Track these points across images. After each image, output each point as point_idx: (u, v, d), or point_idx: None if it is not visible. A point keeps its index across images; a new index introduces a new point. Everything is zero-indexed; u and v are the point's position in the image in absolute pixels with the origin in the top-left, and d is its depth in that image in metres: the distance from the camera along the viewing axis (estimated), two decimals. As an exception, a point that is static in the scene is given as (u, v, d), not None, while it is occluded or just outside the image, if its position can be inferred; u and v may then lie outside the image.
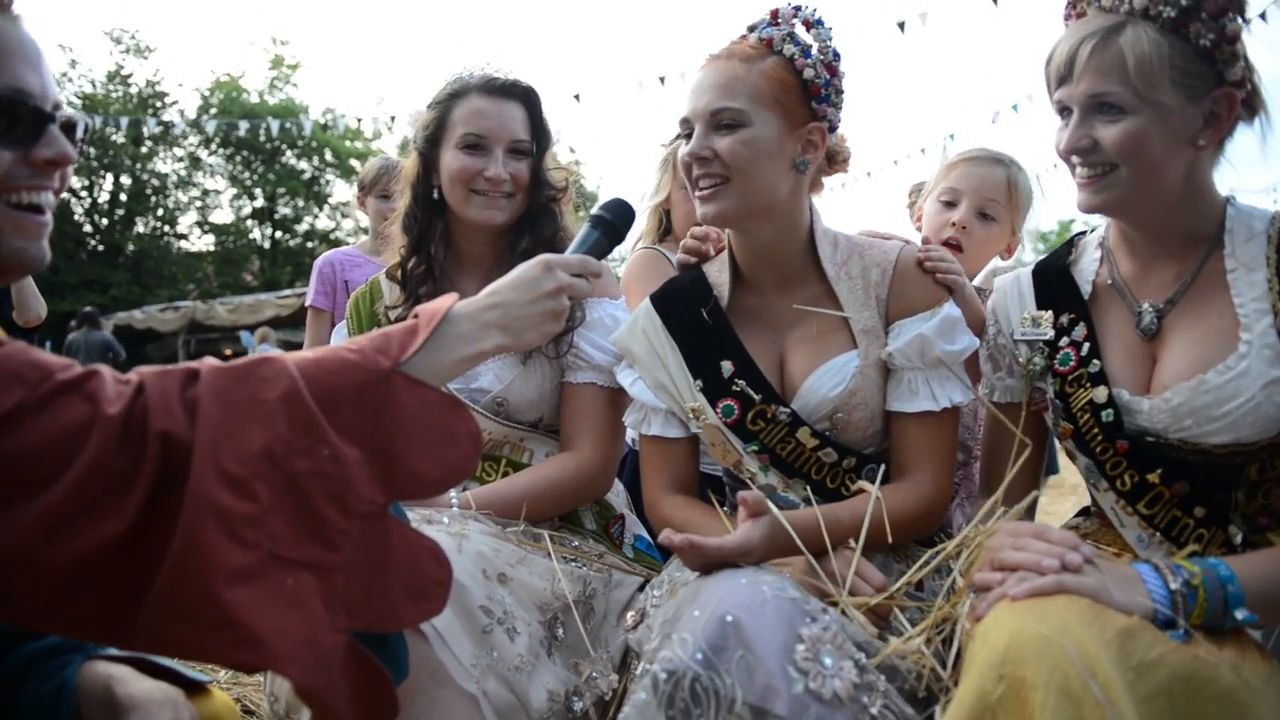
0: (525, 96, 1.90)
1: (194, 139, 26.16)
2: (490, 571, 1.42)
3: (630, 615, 1.59)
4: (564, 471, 1.75)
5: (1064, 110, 1.39)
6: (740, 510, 1.40)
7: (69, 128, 1.09)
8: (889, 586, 1.36)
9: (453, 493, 1.62)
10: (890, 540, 1.46)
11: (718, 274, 1.72)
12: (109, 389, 0.96)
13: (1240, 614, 1.10)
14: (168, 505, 0.94)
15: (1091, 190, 1.37)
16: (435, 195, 1.90)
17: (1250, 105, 1.36)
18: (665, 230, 2.63)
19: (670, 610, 1.28)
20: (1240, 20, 1.30)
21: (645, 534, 1.93)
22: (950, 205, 2.16)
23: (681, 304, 1.70)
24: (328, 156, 27.66)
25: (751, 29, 1.61)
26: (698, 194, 1.58)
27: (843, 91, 1.62)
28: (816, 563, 1.38)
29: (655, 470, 1.71)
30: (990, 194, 2.13)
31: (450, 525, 1.45)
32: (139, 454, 0.94)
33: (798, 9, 1.61)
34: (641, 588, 1.70)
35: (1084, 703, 0.93)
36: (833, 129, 1.63)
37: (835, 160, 1.71)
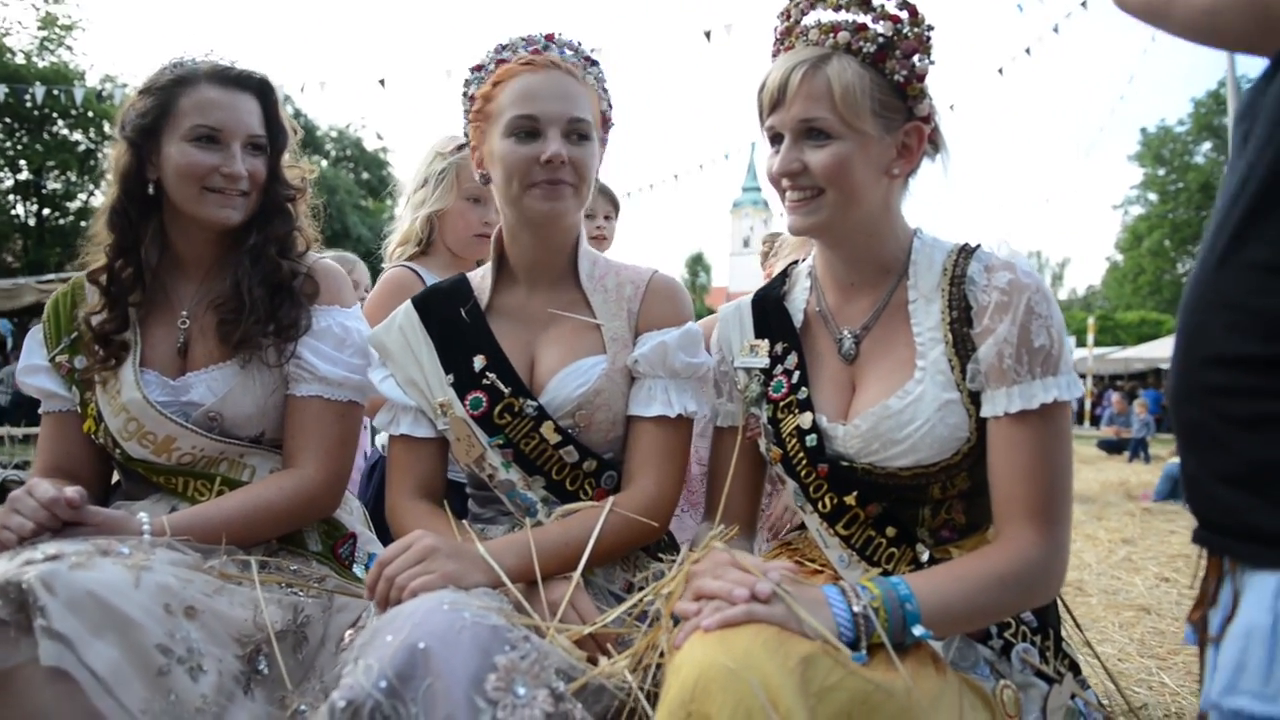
0: (260, 89, 1.77)
1: (-57, 101, 23.15)
2: (175, 605, 1.30)
3: (349, 633, 1.52)
4: (280, 491, 1.64)
5: (776, 137, 1.46)
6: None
7: None
8: (600, 612, 1.36)
9: (144, 517, 1.48)
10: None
11: (480, 279, 1.75)
12: None
13: (917, 630, 1.15)
14: None
15: (801, 213, 1.45)
16: (150, 190, 1.73)
17: (934, 142, 1.49)
18: (428, 242, 2.57)
19: (368, 634, 1.23)
20: (929, 61, 1.41)
21: (382, 549, 1.85)
22: None
23: (441, 303, 1.71)
24: (106, 128, 25.24)
25: (554, 44, 1.66)
26: (544, 191, 1.59)
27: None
28: (531, 590, 1.38)
29: (401, 473, 1.66)
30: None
31: (131, 557, 1.32)
32: None
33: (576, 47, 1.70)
34: (370, 608, 1.63)
35: None
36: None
37: None
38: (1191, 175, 43.05)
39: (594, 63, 1.69)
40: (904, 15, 1.39)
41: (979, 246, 1.46)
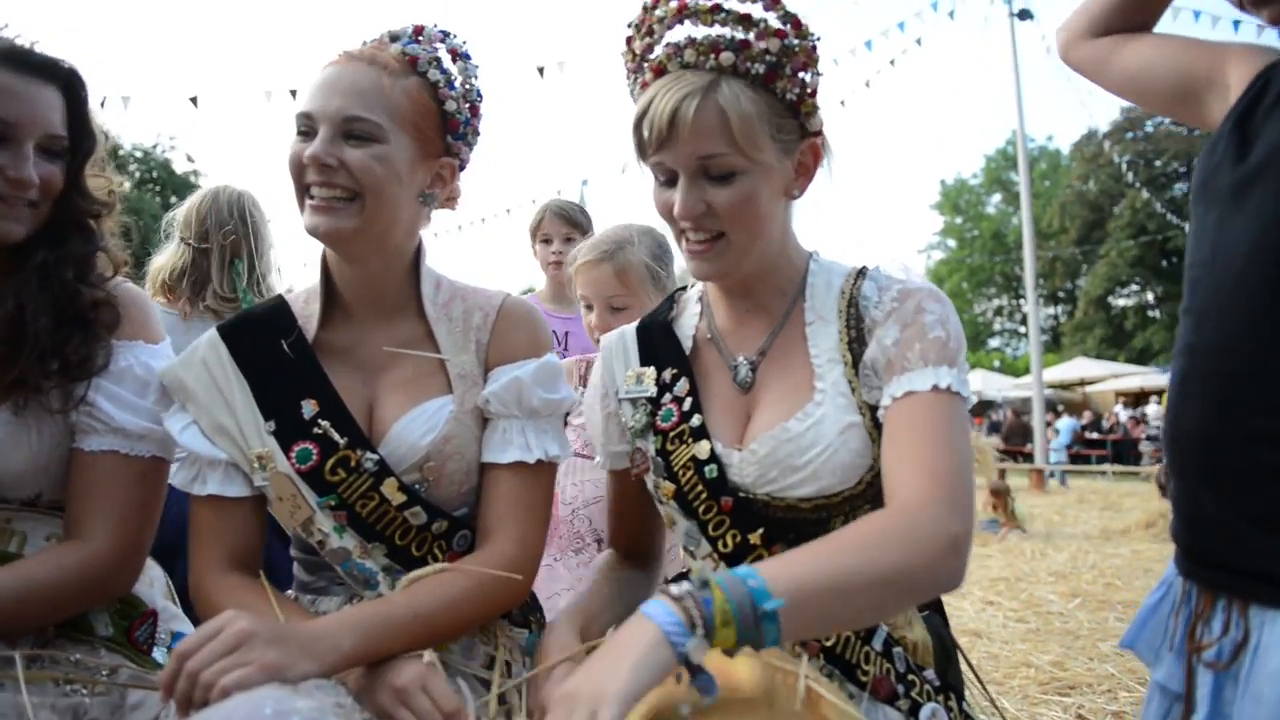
0: (68, 82, 1.46)
1: None
2: (-93, 727, 1.01)
3: (149, 744, 1.25)
4: (60, 569, 1.33)
5: (666, 172, 1.32)
6: None
7: None
8: (459, 696, 1.17)
9: None
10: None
11: (304, 305, 1.49)
12: None
13: (770, 605, 0.93)
14: None
15: (705, 259, 1.34)
16: None
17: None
18: None
19: (171, 748, 0.99)
20: (818, 74, 1.33)
21: (191, 627, 1.57)
22: (589, 308, 2.31)
23: (256, 334, 1.44)
24: None
25: (394, 38, 1.45)
26: (314, 203, 1.35)
27: (479, 133, 1.52)
28: (374, 675, 1.17)
29: (208, 541, 1.37)
30: (609, 291, 2.27)
31: None
32: None
33: (446, 34, 1.48)
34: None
35: None
36: (462, 167, 1.51)
37: (450, 197, 1.58)
38: (984, 224, 47.30)
39: (434, 61, 1.43)
40: (788, 29, 1.29)
41: (876, 268, 1.41)
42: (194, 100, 10.72)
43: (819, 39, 1.32)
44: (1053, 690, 3.42)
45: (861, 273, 1.41)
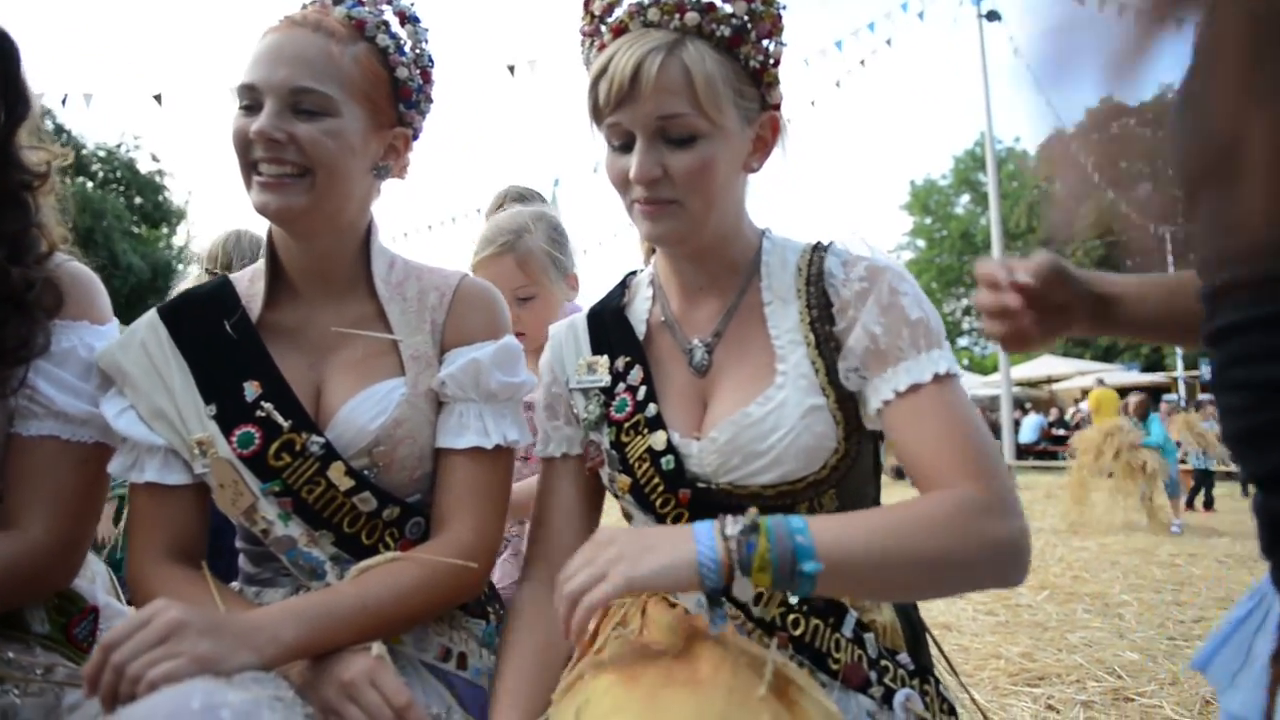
0: None
1: None
2: None
3: (86, 745, 1.19)
4: None
5: (622, 134, 1.27)
6: None
7: None
8: (412, 688, 1.13)
9: None
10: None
11: (249, 284, 1.44)
12: None
13: (809, 566, 0.96)
14: None
15: (659, 220, 1.28)
16: None
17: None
18: None
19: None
20: (782, 43, 1.29)
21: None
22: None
23: (198, 315, 1.38)
24: None
25: (336, 0, 1.38)
26: (262, 180, 1.29)
27: (432, 100, 1.47)
28: (319, 668, 1.12)
29: (148, 531, 1.31)
30: (513, 283, 2.19)
31: None
32: None
33: None
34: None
35: None
36: (415, 136, 1.46)
37: (402, 168, 1.52)
38: (953, 224, 47.75)
39: (382, 25, 1.38)
40: None
41: (833, 243, 1.36)
42: (158, 98, 10.57)
43: (784, 7, 1.28)
44: (1022, 681, 3.42)
45: (818, 248, 1.36)
